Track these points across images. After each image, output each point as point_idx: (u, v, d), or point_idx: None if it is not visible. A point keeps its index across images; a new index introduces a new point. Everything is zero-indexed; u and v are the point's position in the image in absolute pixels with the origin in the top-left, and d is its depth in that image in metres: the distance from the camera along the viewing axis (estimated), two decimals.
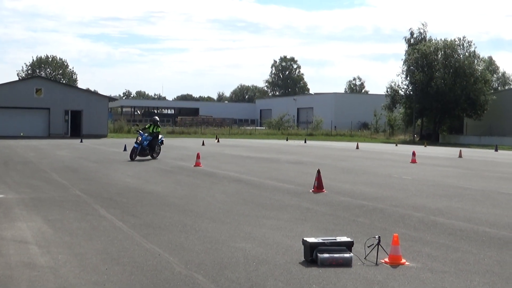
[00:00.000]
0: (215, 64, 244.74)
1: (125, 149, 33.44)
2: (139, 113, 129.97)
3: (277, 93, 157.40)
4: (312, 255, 7.78)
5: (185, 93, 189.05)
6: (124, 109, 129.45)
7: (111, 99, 72.37)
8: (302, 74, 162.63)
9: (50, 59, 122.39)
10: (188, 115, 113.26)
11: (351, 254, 7.83)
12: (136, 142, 26.54)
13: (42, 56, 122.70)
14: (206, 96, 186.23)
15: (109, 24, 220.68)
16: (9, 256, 7.98)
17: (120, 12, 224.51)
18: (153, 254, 8.17)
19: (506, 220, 11.68)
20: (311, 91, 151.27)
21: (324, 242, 7.89)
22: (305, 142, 58.34)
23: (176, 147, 40.59)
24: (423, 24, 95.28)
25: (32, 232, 9.65)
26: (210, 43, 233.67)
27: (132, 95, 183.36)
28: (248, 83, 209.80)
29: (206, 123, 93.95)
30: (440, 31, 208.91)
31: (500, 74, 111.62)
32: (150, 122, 28.26)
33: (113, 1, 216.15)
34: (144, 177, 19.09)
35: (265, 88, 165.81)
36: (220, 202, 13.56)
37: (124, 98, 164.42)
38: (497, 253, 8.72)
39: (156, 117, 28.43)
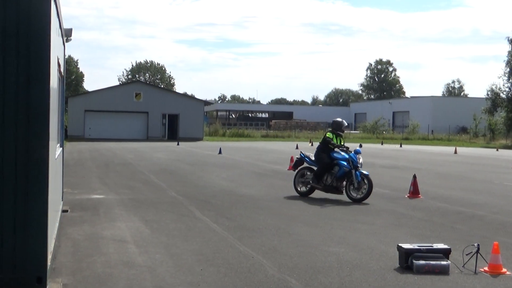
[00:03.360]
0: (308, 68, 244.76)
1: (220, 152, 33.93)
2: (233, 116, 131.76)
3: (372, 96, 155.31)
4: (407, 261, 7.62)
5: (279, 97, 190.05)
6: (219, 113, 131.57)
7: (206, 103, 73.72)
8: (398, 77, 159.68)
9: (148, 64, 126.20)
10: (282, 118, 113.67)
11: (449, 262, 7.61)
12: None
13: (141, 62, 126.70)
14: (300, 100, 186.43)
15: (204, 30, 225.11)
16: (109, 255, 8.27)
17: (215, 18, 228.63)
18: (247, 257, 8.24)
19: None
20: (407, 95, 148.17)
21: (420, 249, 7.71)
22: (401, 146, 57.26)
23: (270, 150, 40.82)
24: None
25: (130, 232, 9.96)
26: (303, 47, 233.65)
27: (227, 99, 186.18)
28: (342, 86, 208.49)
29: (300, 126, 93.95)
30: None
31: None
32: (333, 131, 15.69)
33: (208, 7, 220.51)
34: (238, 180, 19.30)
35: (360, 92, 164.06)
36: (313, 206, 13.51)
37: (219, 102, 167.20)
38: None
39: (339, 119, 15.97)
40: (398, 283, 7.09)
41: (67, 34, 11.94)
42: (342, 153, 15.05)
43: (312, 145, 52.32)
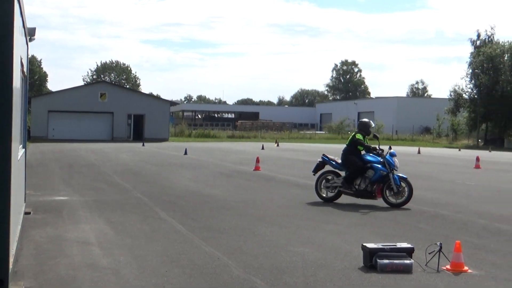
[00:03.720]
0: (274, 68, 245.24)
1: (185, 153, 33.82)
2: (199, 117, 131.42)
3: (338, 97, 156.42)
4: (371, 260, 7.69)
5: (245, 97, 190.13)
6: (185, 113, 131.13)
7: (172, 103, 73.40)
8: (363, 77, 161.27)
9: (114, 64, 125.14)
10: (248, 119, 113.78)
11: (412, 261, 7.71)
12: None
13: (107, 62, 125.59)
14: (266, 100, 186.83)
15: (170, 30, 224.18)
16: (72, 257, 8.18)
17: (181, 18, 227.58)
18: (212, 257, 8.23)
19: None
20: (372, 95, 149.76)
21: (384, 248, 7.79)
22: None
23: (236, 151, 40.82)
24: (491, 27, 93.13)
25: (94, 233, 9.87)
26: (270, 47, 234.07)
27: (193, 100, 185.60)
28: (308, 87, 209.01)
29: (266, 127, 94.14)
30: (507, 33, 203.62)
31: None
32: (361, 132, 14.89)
33: (174, 7, 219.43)
34: (204, 180, 19.26)
35: (326, 92, 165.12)
36: (279, 206, 13.56)
37: (185, 102, 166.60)
38: None
39: (366, 120, 15.33)
40: (362, 282, 7.15)
41: (30, 34, 11.78)
42: (375, 156, 14.42)
43: (278, 145, 52.46)
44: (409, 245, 8.03)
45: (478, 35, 79.38)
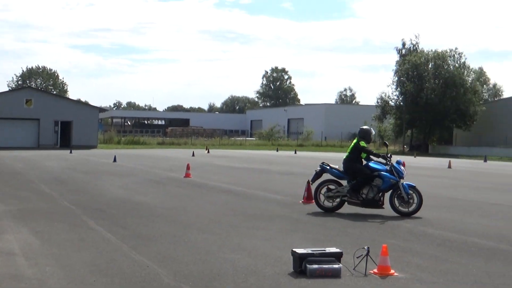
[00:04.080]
0: (205, 75, 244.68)
1: (114, 160, 33.31)
2: (129, 124, 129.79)
3: (268, 104, 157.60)
4: (301, 266, 7.76)
5: (175, 104, 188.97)
6: (114, 120, 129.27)
7: (101, 110, 72.20)
8: (293, 85, 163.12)
9: (40, 70, 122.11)
10: (179, 126, 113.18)
11: (340, 265, 7.82)
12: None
13: (33, 67, 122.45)
14: (196, 107, 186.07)
15: (99, 35, 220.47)
16: None
17: (111, 23, 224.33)
18: (142, 266, 8.13)
19: (494, 231, 11.72)
20: (302, 102, 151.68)
21: (313, 253, 7.88)
22: (295, 152, 58.37)
23: (166, 158, 40.51)
24: (416, 36, 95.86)
25: (19, 244, 9.58)
26: (201, 54, 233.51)
27: (122, 106, 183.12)
28: (239, 94, 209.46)
29: (197, 134, 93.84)
30: (431, 42, 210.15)
31: (491, 85, 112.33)
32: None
33: (104, 12, 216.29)
34: (133, 188, 19.02)
35: (256, 99, 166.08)
36: (210, 213, 13.52)
37: (114, 109, 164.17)
38: (485, 263, 8.73)
39: (366, 127, 14.93)
40: None
41: None
42: (380, 164, 14.12)
43: (208, 152, 52.36)
44: (337, 250, 8.15)
45: (403, 44, 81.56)
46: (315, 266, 7.68)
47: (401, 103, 75.94)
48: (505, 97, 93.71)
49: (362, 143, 14.15)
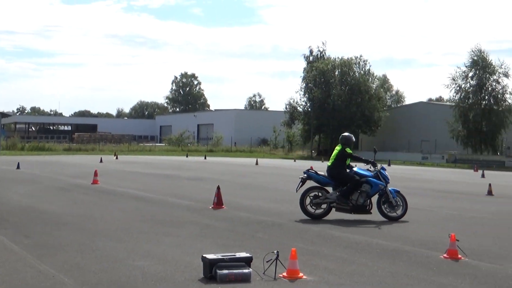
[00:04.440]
0: (113, 80, 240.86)
1: (18, 167, 32.16)
2: (33, 129, 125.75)
3: (177, 109, 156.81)
4: (211, 271, 7.76)
5: (82, 109, 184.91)
6: (18, 126, 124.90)
7: (4, 115, 69.72)
8: (203, 90, 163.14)
9: None
10: (86, 131, 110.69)
11: (250, 270, 7.87)
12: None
13: None
14: (104, 112, 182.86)
15: (2, 38, 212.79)
16: None
17: (14, 26, 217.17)
18: (47, 276, 7.88)
19: (398, 233, 12.12)
20: (212, 108, 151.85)
21: (223, 258, 7.89)
22: (205, 158, 58.32)
23: (73, 164, 39.49)
24: (323, 43, 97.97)
25: None
26: (109, 58, 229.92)
27: (26, 111, 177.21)
28: (148, 99, 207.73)
29: (105, 139, 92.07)
30: (337, 50, 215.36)
31: (394, 92, 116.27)
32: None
33: (7, 14, 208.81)
34: (38, 195, 18.43)
35: (165, 105, 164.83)
36: (118, 220, 13.29)
37: (18, 114, 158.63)
38: (390, 264, 9.02)
39: (347, 134, 15.04)
40: None
41: None
42: (365, 170, 14.34)
43: (117, 158, 51.45)
44: (247, 255, 8.20)
45: (311, 51, 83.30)
46: (225, 271, 7.70)
47: (309, 109, 77.45)
48: (407, 103, 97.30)
49: (349, 150, 14.32)
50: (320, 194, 14.02)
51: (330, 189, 14.16)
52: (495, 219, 14.72)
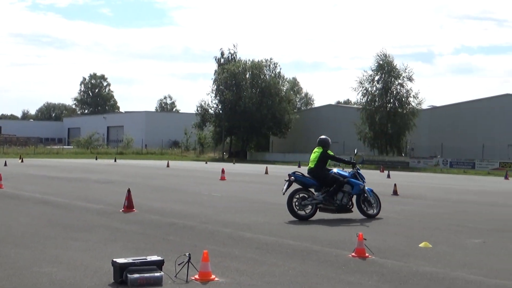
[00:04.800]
0: (18, 81, 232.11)
1: None
2: None
3: (86, 111, 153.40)
4: (122, 276, 7.64)
5: None
6: None
7: None
8: (112, 92, 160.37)
9: None
10: None
11: (162, 273, 7.81)
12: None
13: None
14: (9, 114, 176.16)
15: None
16: None
17: None
18: None
19: (307, 233, 12.34)
20: (122, 110, 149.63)
21: (134, 262, 7.79)
22: (115, 161, 57.35)
23: None
24: (234, 45, 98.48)
25: None
26: (13, 58, 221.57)
27: None
28: (55, 100, 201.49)
29: (9, 142, 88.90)
30: (248, 52, 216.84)
31: (303, 94, 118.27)
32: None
33: None
34: None
35: (74, 106, 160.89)
36: (24, 225, 12.86)
37: None
38: (300, 264, 9.17)
39: (324, 136, 15.84)
40: None
41: None
42: (343, 171, 15.07)
43: (22, 161, 49.78)
44: (159, 258, 8.14)
45: (222, 53, 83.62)
46: (136, 275, 7.61)
47: (220, 111, 77.67)
48: (316, 106, 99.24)
49: (330, 152, 15.05)
50: (307, 196, 14.42)
51: (312, 190, 14.65)
52: (400, 218, 15.25)
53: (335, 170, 15.10)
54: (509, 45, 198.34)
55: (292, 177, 14.70)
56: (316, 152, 15.07)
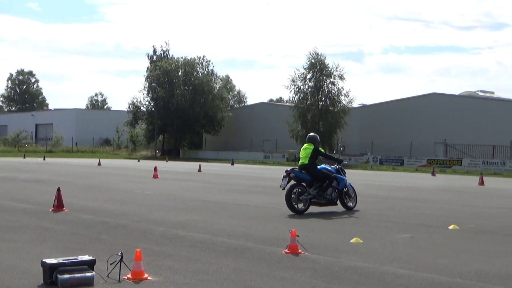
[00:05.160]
0: None
1: None
2: None
3: (13, 108, 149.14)
4: (52, 276, 7.47)
5: None
6: None
7: None
8: (41, 88, 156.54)
9: None
10: None
11: (93, 273, 7.68)
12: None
13: None
14: None
15: None
16: None
17: None
18: None
19: (241, 230, 12.38)
20: (51, 107, 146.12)
21: (64, 263, 7.63)
22: (44, 159, 56.02)
23: None
24: (166, 42, 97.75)
25: None
26: None
27: None
28: None
29: None
30: (181, 49, 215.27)
31: (236, 92, 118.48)
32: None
33: None
34: None
35: (0, 103, 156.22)
36: None
37: None
38: (234, 261, 9.19)
39: (313, 134, 16.74)
40: None
41: None
42: (331, 167, 16.24)
43: None
44: (90, 258, 7.99)
45: (154, 50, 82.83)
46: (67, 276, 7.45)
47: (153, 109, 76.97)
48: (249, 103, 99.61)
49: (321, 149, 16.08)
50: (304, 191, 15.39)
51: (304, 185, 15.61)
52: (331, 214, 15.47)
53: (323, 165, 16.15)
54: (435, 46, 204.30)
55: (292, 174, 15.49)
56: (307, 148, 15.93)
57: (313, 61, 65.97)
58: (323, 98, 66.05)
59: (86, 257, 8.01)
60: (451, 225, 13.42)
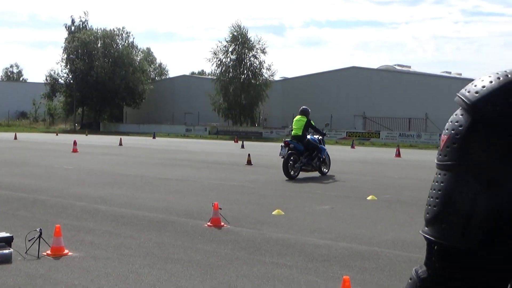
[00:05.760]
0: None
1: None
2: None
3: None
4: None
5: None
6: None
7: None
8: None
9: None
10: None
11: (11, 250, 7.50)
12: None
13: None
14: None
15: None
16: None
17: None
18: None
19: (163, 204, 12.35)
20: None
21: None
22: None
23: None
24: (85, 13, 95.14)
25: None
26: None
27: None
28: None
29: None
30: (100, 20, 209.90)
31: (157, 64, 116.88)
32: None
33: None
34: None
35: None
36: None
37: None
38: (156, 235, 9.18)
39: (305, 107, 19.08)
40: None
41: None
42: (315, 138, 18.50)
43: None
44: (8, 234, 7.79)
45: (73, 21, 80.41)
46: None
47: (71, 81, 75.09)
48: (170, 76, 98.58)
49: (312, 122, 18.33)
50: (298, 159, 17.58)
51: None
52: (253, 187, 15.65)
53: (309, 136, 18.18)
54: (355, 20, 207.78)
55: (291, 144, 17.66)
56: (300, 120, 18.13)
57: (235, 34, 65.80)
58: (245, 71, 66.11)
59: (3, 234, 7.80)
60: (369, 196, 13.82)
